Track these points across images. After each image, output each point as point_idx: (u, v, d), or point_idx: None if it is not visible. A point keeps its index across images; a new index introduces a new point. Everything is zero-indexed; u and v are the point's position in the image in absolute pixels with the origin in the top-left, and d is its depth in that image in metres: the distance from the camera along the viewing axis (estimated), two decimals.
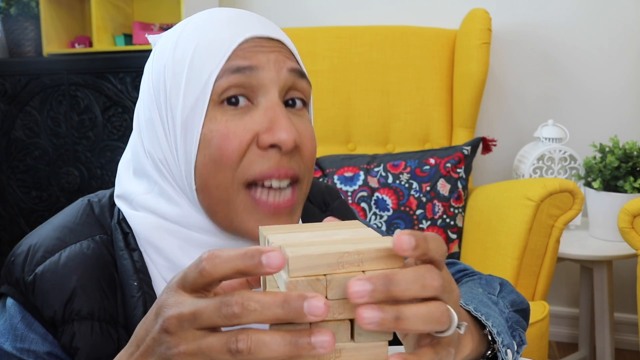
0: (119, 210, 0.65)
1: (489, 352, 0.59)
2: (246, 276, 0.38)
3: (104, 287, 0.61)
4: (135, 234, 0.63)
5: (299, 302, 0.36)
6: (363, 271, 0.41)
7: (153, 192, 0.63)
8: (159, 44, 0.64)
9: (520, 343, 0.65)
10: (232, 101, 0.58)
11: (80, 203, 0.67)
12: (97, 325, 0.59)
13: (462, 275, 0.76)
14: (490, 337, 0.60)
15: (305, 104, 0.63)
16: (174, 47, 0.60)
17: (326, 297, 0.40)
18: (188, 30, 0.61)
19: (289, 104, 0.61)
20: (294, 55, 0.62)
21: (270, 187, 0.58)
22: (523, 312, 0.71)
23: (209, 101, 0.57)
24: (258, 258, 0.37)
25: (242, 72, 0.57)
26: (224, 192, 0.58)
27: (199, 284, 0.39)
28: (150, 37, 0.67)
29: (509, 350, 0.60)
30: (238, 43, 0.58)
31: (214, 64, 0.57)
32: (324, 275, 0.40)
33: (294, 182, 0.60)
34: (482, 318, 0.59)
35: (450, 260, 0.79)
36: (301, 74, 0.61)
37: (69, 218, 0.65)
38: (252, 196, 0.58)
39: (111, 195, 0.68)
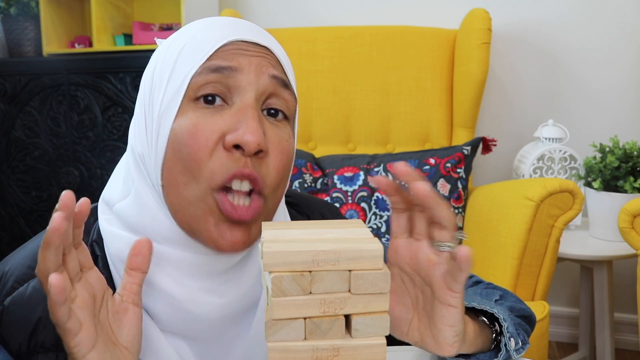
0: (94, 230, 0.64)
1: (492, 345, 0.61)
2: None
3: None
4: (108, 252, 0.61)
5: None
6: (349, 270, 0.42)
7: (130, 195, 0.62)
8: (159, 46, 0.64)
9: (525, 342, 0.65)
10: (209, 99, 0.57)
11: None
12: (62, 356, 0.58)
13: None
14: (493, 329, 0.62)
15: (287, 117, 0.61)
16: (167, 47, 0.61)
17: (310, 292, 0.41)
18: (181, 32, 0.62)
19: (271, 113, 0.60)
20: (281, 65, 0.61)
21: (230, 189, 0.56)
22: (525, 319, 0.71)
23: (184, 97, 0.57)
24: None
25: (221, 72, 0.57)
26: (189, 191, 0.56)
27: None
28: (157, 40, 0.67)
29: (512, 339, 0.61)
30: (222, 44, 0.58)
31: (195, 61, 0.57)
32: (309, 271, 0.41)
33: (258, 192, 0.57)
34: (487, 308, 0.61)
35: None
36: (284, 84, 0.60)
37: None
38: (216, 199, 0.56)
39: (91, 212, 0.65)
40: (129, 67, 1.90)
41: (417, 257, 0.53)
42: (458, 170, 1.68)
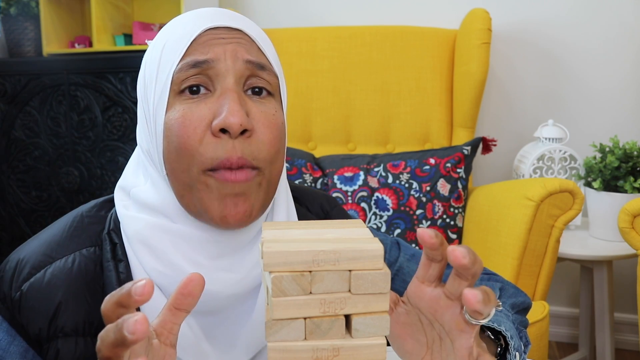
0: (109, 219, 0.66)
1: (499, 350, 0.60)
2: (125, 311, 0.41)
3: (89, 300, 0.61)
4: (126, 236, 0.63)
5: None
6: (350, 270, 0.42)
7: (147, 183, 0.65)
8: (149, 47, 0.67)
9: (527, 343, 0.65)
10: (194, 89, 0.60)
11: (69, 216, 0.68)
12: (82, 341, 0.60)
13: None
14: (497, 343, 0.60)
15: (272, 94, 0.63)
16: (152, 48, 0.64)
17: (310, 292, 0.41)
18: (163, 31, 0.65)
19: (255, 91, 0.62)
20: (257, 46, 0.63)
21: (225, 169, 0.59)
22: (524, 311, 0.72)
23: (170, 91, 0.60)
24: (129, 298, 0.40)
25: (199, 66, 0.59)
26: (187, 176, 0.59)
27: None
28: (148, 42, 0.70)
29: (517, 353, 0.60)
30: (196, 34, 0.60)
31: (175, 56, 0.60)
32: (309, 271, 0.41)
33: (250, 167, 0.59)
34: (495, 325, 0.59)
35: None
36: (260, 66, 0.61)
37: (58, 232, 0.65)
38: (211, 174, 0.58)
39: (102, 206, 0.69)
40: (129, 67, 1.90)
41: (444, 313, 0.50)
42: (458, 170, 1.68)
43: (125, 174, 0.68)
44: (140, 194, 0.64)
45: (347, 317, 0.44)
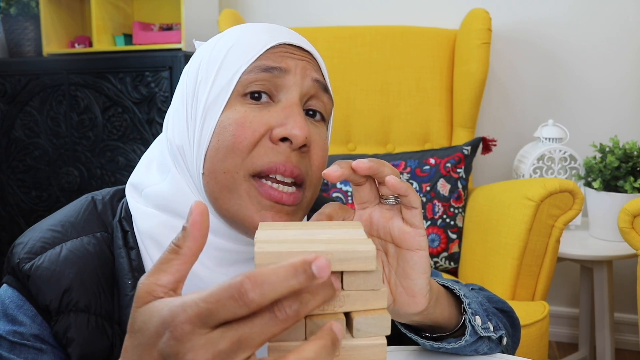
0: (121, 208, 0.67)
1: (458, 326, 0.63)
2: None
3: (102, 282, 0.62)
4: (137, 229, 0.64)
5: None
6: (341, 272, 0.42)
7: (165, 181, 0.64)
8: (201, 47, 0.67)
9: (497, 327, 0.66)
10: (255, 96, 0.60)
11: (83, 200, 0.69)
12: (93, 319, 0.61)
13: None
14: (461, 309, 0.63)
15: (324, 119, 0.65)
16: (212, 47, 0.64)
17: None
18: (228, 34, 0.65)
19: (309, 113, 0.63)
20: (320, 70, 0.65)
21: (274, 180, 0.59)
22: (505, 313, 0.72)
23: (233, 92, 0.60)
24: (310, 271, 0.35)
25: (270, 72, 0.60)
26: (230, 178, 0.59)
27: (239, 315, 0.35)
28: (196, 42, 0.70)
29: (478, 317, 0.63)
30: (270, 45, 0.61)
31: (245, 59, 0.60)
32: None
33: (299, 185, 0.61)
34: (449, 284, 0.63)
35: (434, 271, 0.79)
36: (324, 88, 0.63)
37: (72, 213, 0.66)
38: (255, 186, 0.59)
39: (115, 193, 0.70)
40: (129, 67, 1.90)
41: (372, 220, 0.57)
42: (458, 170, 1.68)
43: (137, 172, 0.68)
44: (154, 193, 0.64)
45: (348, 318, 0.44)
